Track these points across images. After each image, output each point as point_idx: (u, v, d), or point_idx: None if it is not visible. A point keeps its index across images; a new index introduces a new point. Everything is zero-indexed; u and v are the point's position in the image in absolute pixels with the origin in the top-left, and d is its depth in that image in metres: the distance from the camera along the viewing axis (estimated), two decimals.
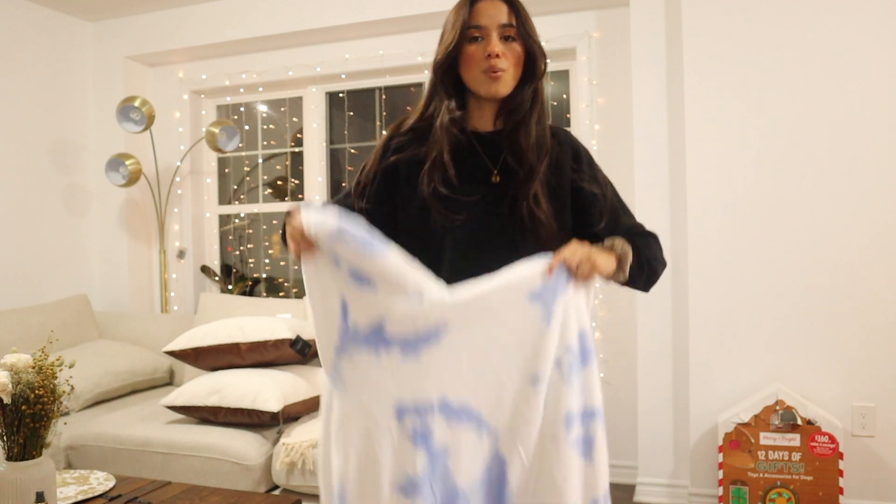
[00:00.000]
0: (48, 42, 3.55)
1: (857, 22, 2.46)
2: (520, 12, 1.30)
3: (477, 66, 1.26)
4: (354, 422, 1.17)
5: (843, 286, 2.49)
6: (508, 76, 1.27)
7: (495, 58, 1.25)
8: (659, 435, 2.80)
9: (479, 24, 1.26)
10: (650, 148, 2.81)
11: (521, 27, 1.29)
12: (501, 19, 1.27)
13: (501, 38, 1.26)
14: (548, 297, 1.14)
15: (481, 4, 1.27)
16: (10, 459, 1.49)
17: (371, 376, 1.16)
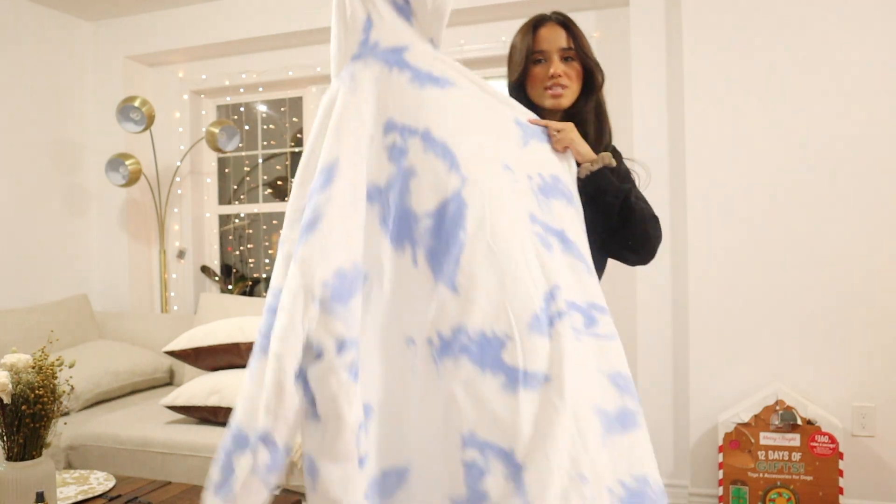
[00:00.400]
0: (48, 42, 3.55)
1: (857, 22, 2.47)
2: (576, 35, 1.50)
3: (541, 84, 1.48)
4: (350, 121, 1.21)
5: (843, 286, 2.49)
6: (569, 91, 1.48)
7: (557, 77, 1.46)
8: (659, 435, 2.80)
9: (542, 49, 1.48)
10: (650, 148, 2.81)
11: (578, 48, 1.49)
12: (560, 43, 1.48)
13: (561, 59, 1.48)
14: (526, 130, 1.35)
15: (543, 31, 1.49)
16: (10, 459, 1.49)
17: (376, 87, 1.22)
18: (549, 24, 1.51)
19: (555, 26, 1.50)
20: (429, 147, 1.18)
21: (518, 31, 1.53)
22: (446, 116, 1.21)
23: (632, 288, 2.88)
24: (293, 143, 3.80)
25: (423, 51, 1.25)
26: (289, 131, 3.83)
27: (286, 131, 3.84)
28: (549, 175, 1.31)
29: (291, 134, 3.82)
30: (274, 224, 3.89)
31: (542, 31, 1.49)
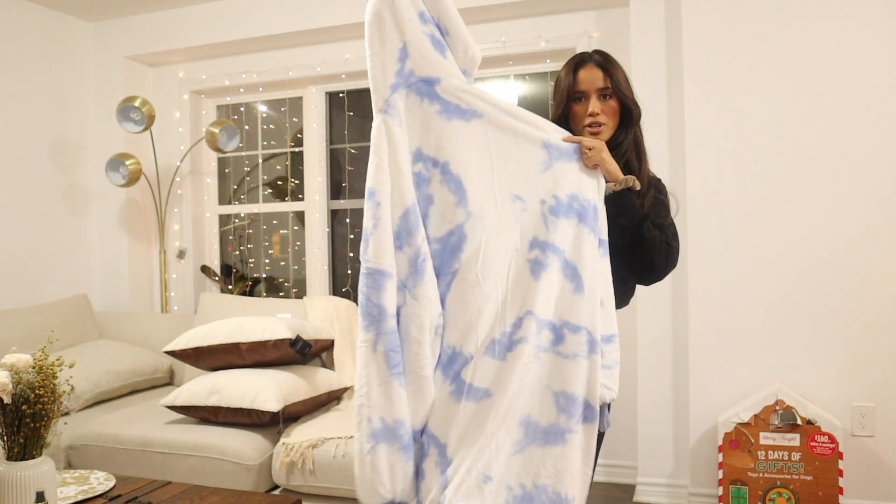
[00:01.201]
0: (48, 42, 3.55)
1: (857, 22, 2.47)
2: (613, 74, 1.56)
3: (581, 121, 1.56)
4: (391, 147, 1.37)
5: (843, 286, 2.49)
6: (607, 128, 1.56)
7: (595, 115, 1.54)
8: (659, 435, 2.80)
9: (581, 90, 1.56)
10: (650, 147, 2.80)
11: (616, 87, 1.55)
12: (598, 84, 1.55)
13: (599, 98, 1.55)
14: (553, 152, 1.43)
15: (582, 73, 1.57)
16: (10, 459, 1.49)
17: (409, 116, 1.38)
18: (589, 66, 1.58)
19: (594, 67, 1.58)
20: (445, 180, 1.38)
21: (562, 68, 1.62)
22: (466, 150, 1.39)
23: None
24: (293, 143, 3.80)
25: (454, 84, 1.38)
26: (289, 131, 3.83)
27: (286, 131, 3.84)
28: (565, 195, 1.40)
29: (291, 134, 3.82)
30: (274, 224, 3.89)
31: (582, 72, 1.57)
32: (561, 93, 1.60)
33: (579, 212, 1.40)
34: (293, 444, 2.36)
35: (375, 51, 1.37)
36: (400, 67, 1.36)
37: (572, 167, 1.43)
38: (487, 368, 1.33)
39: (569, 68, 1.60)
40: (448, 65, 1.38)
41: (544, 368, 1.34)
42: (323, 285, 3.65)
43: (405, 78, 1.37)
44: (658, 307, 2.80)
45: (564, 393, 1.33)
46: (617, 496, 2.89)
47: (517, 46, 3.16)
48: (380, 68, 1.37)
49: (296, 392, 2.50)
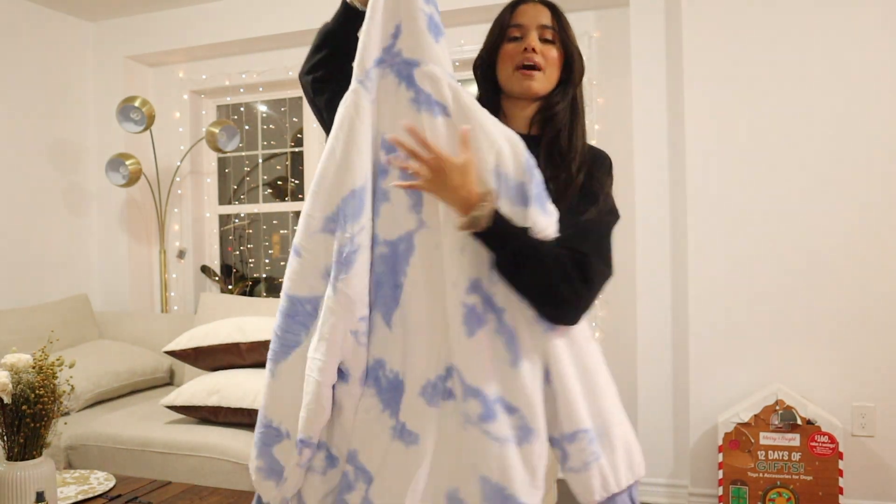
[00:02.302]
0: (48, 42, 3.55)
1: (857, 22, 2.47)
2: (561, 17, 1.30)
3: (512, 61, 1.26)
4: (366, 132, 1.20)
5: (843, 286, 2.49)
6: (544, 76, 1.25)
7: (531, 52, 1.24)
8: (659, 435, 2.80)
9: (519, 23, 1.28)
10: (650, 148, 2.81)
11: (562, 31, 1.28)
12: (542, 20, 1.28)
13: (540, 38, 1.27)
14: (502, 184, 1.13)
15: (523, 6, 1.30)
16: (10, 459, 1.49)
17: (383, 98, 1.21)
18: (531, 2, 1.31)
19: (537, 4, 1.30)
20: (402, 177, 1.16)
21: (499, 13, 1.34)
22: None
23: (632, 288, 2.88)
24: (293, 143, 3.80)
25: (433, 71, 1.17)
26: (289, 131, 3.83)
27: (286, 131, 3.84)
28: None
29: (291, 134, 3.82)
30: (274, 224, 3.89)
31: (523, 6, 1.30)
32: (493, 31, 1.32)
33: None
34: None
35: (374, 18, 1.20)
36: (391, 44, 1.20)
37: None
38: (420, 412, 1.14)
39: (507, 6, 1.33)
40: (438, 50, 1.19)
41: (465, 443, 1.10)
42: None
43: (392, 56, 1.20)
44: (658, 307, 2.80)
45: (489, 482, 1.07)
46: None
47: None
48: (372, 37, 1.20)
49: None
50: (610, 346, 3.06)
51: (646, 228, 2.81)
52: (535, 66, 1.24)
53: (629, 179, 2.89)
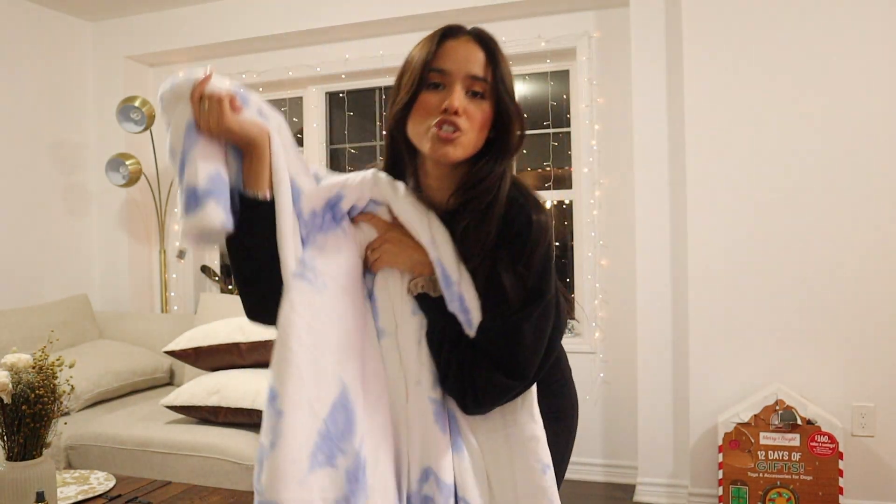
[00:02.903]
0: (48, 42, 3.55)
1: (858, 21, 2.47)
2: (498, 63, 1.03)
3: (427, 116, 1.01)
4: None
5: (843, 286, 2.49)
6: (466, 139, 1.01)
7: (453, 114, 0.99)
8: (659, 435, 2.80)
9: (442, 69, 1.01)
10: (650, 147, 2.81)
11: (498, 83, 1.02)
12: (472, 68, 1.01)
13: (468, 91, 1.02)
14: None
15: (450, 44, 1.03)
16: (10, 459, 1.49)
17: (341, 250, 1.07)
18: (462, 39, 1.04)
19: (469, 43, 1.03)
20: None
21: (422, 40, 1.06)
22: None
23: (632, 288, 2.88)
24: None
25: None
26: None
27: None
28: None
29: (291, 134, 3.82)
30: None
31: (451, 43, 1.03)
32: (411, 70, 1.03)
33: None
34: None
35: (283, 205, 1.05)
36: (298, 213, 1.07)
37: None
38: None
39: (430, 38, 1.04)
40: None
41: None
42: None
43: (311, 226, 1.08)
44: (658, 307, 2.80)
45: None
46: (617, 496, 2.89)
47: (517, 46, 3.16)
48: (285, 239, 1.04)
49: None
50: (610, 347, 3.06)
51: (646, 228, 2.81)
52: (456, 128, 1.00)
53: (629, 179, 2.89)
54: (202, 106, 0.99)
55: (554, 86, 3.30)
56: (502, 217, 1.02)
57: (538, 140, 3.33)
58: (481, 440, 1.06)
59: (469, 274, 1.03)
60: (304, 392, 0.97)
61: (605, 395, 3.05)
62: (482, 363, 1.01)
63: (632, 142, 2.86)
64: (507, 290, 1.00)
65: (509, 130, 1.04)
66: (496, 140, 1.05)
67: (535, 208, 1.03)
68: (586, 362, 3.05)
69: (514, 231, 1.01)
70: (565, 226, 3.28)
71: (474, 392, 1.01)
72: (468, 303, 1.03)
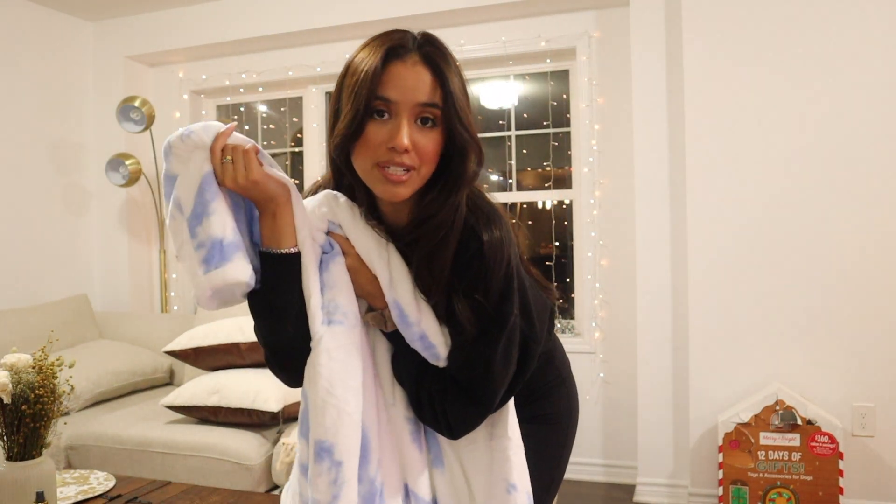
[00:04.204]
0: (48, 42, 3.55)
1: (859, 21, 2.46)
2: (449, 86, 0.92)
3: (372, 153, 0.93)
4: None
5: (843, 286, 2.49)
6: (416, 176, 0.94)
7: (401, 153, 0.91)
8: (659, 435, 2.80)
9: (388, 98, 0.91)
10: (650, 148, 2.81)
11: (450, 108, 0.93)
12: (419, 97, 0.92)
13: (416, 119, 0.93)
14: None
15: (396, 68, 0.92)
16: (10, 459, 1.49)
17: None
18: (410, 61, 0.92)
19: (417, 65, 0.92)
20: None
21: (362, 52, 0.95)
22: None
23: (632, 288, 2.88)
24: (293, 143, 3.80)
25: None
26: (289, 131, 3.83)
27: (286, 131, 3.84)
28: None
29: (291, 134, 3.82)
30: None
31: (397, 66, 0.92)
32: (355, 95, 0.91)
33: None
34: (293, 444, 2.36)
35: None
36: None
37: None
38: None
39: (375, 53, 0.92)
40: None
41: None
42: None
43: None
44: (658, 308, 2.80)
45: None
46: (617, 496, 2.89)
47: (517, 46, 3.16)
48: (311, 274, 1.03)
49: (296, 392, 2.50)
50: (610, 347, 3.06)
51: (646, 228, 2.81)
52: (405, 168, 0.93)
53: (629, 179, 2.89)
54: (225, 158, 0.95)
55: (554, 86, 3.30)
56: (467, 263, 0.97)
57: (538, 140, 3.33)
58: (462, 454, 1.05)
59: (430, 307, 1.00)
60: (357, 435, 0.96)
61: (605, 395, 3.05)
62: (453, 394, 0.99)
63: (632, 142, 2.86)
64: (463, 323, 0.96)
65: (464, 159, 0.95)
66: (449, 167, 0.96)
67: (485, 227, 0.96)
68: (586, 362, 3.05)
69: (466, 259, 0.96)
70: (565, 226, 3.28)
71: (447, 423, 1.00)
72: (431, 339, 1.00)
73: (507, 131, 3.37)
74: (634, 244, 2.84)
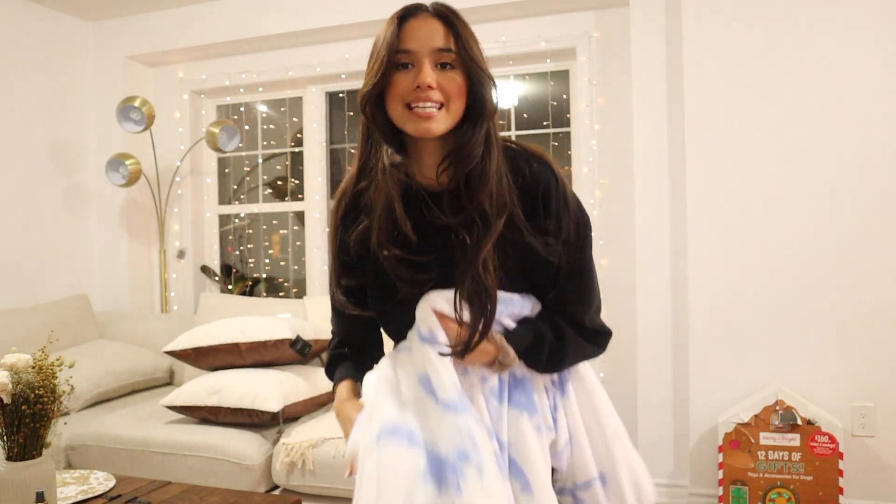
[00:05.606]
0: (48, 42, 3.55)
1: (859, 21, 2.46)
2: (460, 32, 1.06)
3: (402, 98, 1.04)
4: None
5: (843, 286, 2.49)
6: (444, 113, 1.04)
7: (426, 89, 1.02)
8: (659, 435, 2.80)
9: (408, 49, 1.04)
10: (650, 148, 2.81)
11: (463, 51, 1.05)
12: (435, 42, 1.04)
13: (436, 64, 1.04)
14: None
15: (411, 23, 1.05)
16: (10, 459, 1.49)
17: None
18: (422, 16, 1.06)
19: (429, 18, 1.06)
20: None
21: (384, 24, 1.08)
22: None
23: (632, 288, 2.88)
24: (293, 143, 3.80)
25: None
26: (289, 131, 3.83)
27: (286, 131, 3.84)
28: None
29: (291, 134, 3.82)
30: (274, 224, 3.89)
31: (411, 23, 1.05)
32: (377, 55, 1.06)
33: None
34: (293, 444, 2.36)
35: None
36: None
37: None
38: None
39: (392, 20, 1.07)
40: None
41: None
42: (323, 285, 3.65)
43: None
44: (658, 308, 2.80)
45: None
46: None
47: (517, 46, 3.16)
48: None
49: (296, 392, 2.50)
50: (610, 347, 3.05)
51: (646, 228, 2.81)
52: (432, 103, 1.03)
53: (629, 179, 2.89)
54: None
55: (554, 86, 3.30)
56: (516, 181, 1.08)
57: (538, 140, 3.33)
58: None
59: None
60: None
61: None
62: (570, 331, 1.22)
63: (632, 142, 2.85)
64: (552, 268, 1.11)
65: (483, 93, 1.07)
66: (471, 106, 1.07)
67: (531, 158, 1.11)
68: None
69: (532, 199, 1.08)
70: None
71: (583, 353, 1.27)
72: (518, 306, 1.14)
73: (507, 131, 3.37)
74: (634, 244, 2.84)
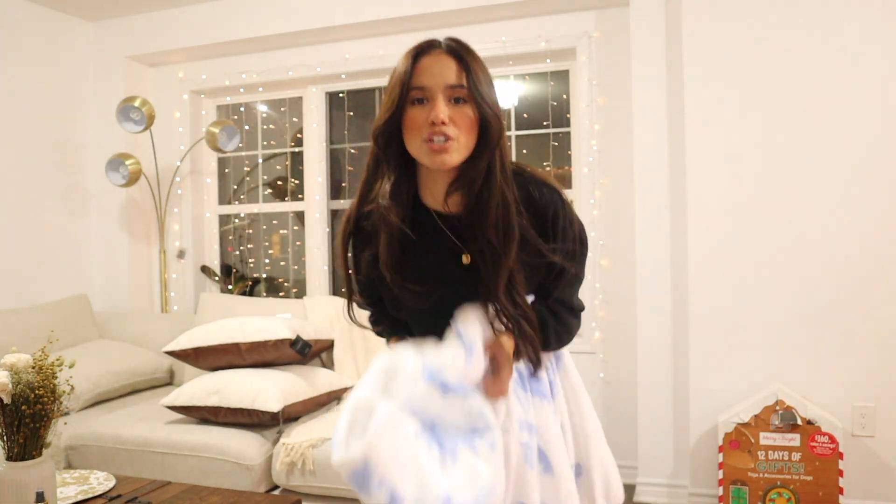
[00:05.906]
0: (48, 42, 3.55)
1: (859, 21, 2.46)
2: (471, 69, 1.13)
3: (419, 132, 1.11)
4: None
5: (843, 286, 2.49)
6: (458, 145, 1.11)
7: (440, 125, 1.09)
8: (659, 435, 2.80)
9: (422, 86, 1.11)
10: (650, 147, 2.81)
11: (474, 87, 1.12)
12: (448, 79, 1.11)
13: (450, 100, 1.11)
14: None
15: (425, 60, 1.12)
16: (10, 459, 1.49)
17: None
18: (436, 53, 1.13)
19: (442, 55, 1.13)
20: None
21: (399, 61, 1.16)
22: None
23: (632, 288, 2.88)
24: (293, 143, 3.80)
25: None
26: (289, 131, 3.83)
27: (286, 131, 3.84)
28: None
29: (291, 134, 3.82)
30: (274, 224, 3.89)
31: (425, 60, 1.13)
32: (392, 91, 1.14)
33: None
34: (293, 444, 2.36)
35: None
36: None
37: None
38: None
39: (407, 56, 1.14)
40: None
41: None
42: (323, 285, 3.65)
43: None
44: (658, 307, 2.79)
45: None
46: None
47: (517, 46, 3.16)
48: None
49: (296, 392, 2.50)
50: (610, 346, 3.06)
51: (646, 228, 2.81)
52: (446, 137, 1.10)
53: (629, 179, 2.89)
54: None
55: (554, 86, 3.30)
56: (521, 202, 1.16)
57: (538, 140, 3.33)
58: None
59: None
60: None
61: (605, 395, 3.05)
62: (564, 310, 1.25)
63: (632, 142, 2.85)
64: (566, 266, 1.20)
65: (489, 129, 1.13)
66: (480, 139, 1.14)
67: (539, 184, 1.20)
68: (586, 362, 3.05)
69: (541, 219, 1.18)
70: None
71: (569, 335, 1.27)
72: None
73: (507, 131, 3.37)
74: (634, 244, 2.84)
